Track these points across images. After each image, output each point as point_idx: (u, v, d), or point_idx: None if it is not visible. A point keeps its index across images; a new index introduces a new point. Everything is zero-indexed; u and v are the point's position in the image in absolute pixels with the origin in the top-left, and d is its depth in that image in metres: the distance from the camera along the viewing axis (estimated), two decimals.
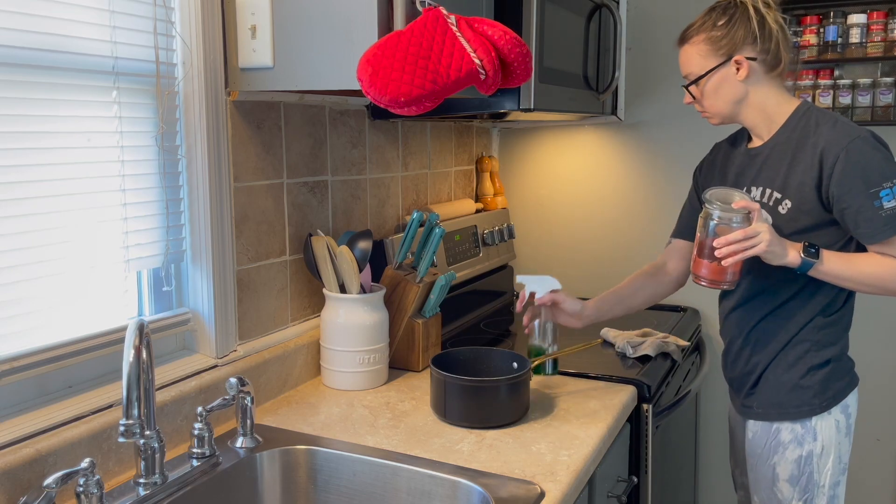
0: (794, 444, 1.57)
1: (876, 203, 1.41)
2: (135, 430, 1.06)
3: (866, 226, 1.43)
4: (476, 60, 1.20)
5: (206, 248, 1.45)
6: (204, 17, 1.39)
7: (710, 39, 1.52)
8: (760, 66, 1.52)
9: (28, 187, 1.17)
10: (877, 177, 1.42)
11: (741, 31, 1.50)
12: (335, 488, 1.34)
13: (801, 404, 1.56)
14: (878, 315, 2.27)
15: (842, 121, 1.50)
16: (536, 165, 2.66)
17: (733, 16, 1.51)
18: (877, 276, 1.44)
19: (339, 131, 1.82)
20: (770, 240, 1.40)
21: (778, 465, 1.59)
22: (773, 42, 1.51)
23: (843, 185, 1.43)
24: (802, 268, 1.43)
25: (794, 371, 1.56)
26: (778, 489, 1.60)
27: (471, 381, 1.45)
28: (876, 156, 1.44)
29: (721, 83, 1.53)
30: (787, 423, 1.57)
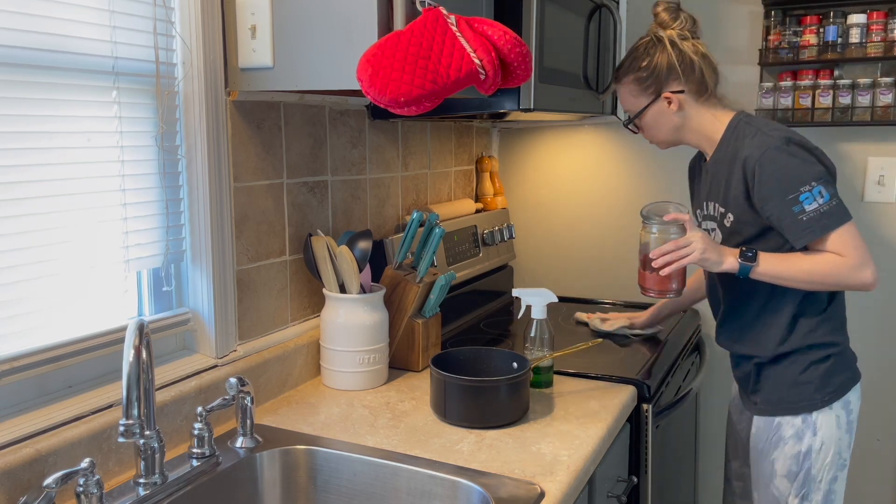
0: (794, 440, 1.59)
1: (795, 209, 1.45)
2: (135, 430, 1.06)
3: (790, 232, 1.48)
4: (476, 60, 1.20)
5: (206, 248, 1.45)
6: (204, 17, 1.39)
7: (637, 80, 1.62)
8: (689, 95, 1.59)
9: (28, 187, 1.17)
10: (793, 183, 1.45)
11: (663, 69, 1.58)
12: (335, 488, 1.34)
13: (802, 399, 1.58)
14: (877, 315, 2.27)
15: (763, 130, 1.53)
16: (536, 165, 2.66)
17: (653, 55, 1.59)
18: (816, 272, 1.47)
19: (339, 131, 1.82)
20: (703, 248, 1.46)
21: (777, 461, 1.61)
22: (697, 71, 1.58)
23: (763, 196, 1.49)
24: (741, 272, 1.48)
25: (794, 367, 1.59)
26: (775, 486, 1.63)
27: (471, 381, 1.45)
28: (791, 162, 1.47)
29: (657, 117, 1.62)
30: (788, 418, 1.59)
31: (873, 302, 2.27)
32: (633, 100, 1.65)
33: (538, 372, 1.64)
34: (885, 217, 2.23)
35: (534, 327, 1.66)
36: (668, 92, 1.59)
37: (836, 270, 1.46)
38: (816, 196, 1.45)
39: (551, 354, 1.66)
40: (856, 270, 1.45)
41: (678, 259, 1.49)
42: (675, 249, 1.49)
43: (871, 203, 2.24)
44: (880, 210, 2.23)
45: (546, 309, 1.67)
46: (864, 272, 1.46)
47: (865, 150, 2.23)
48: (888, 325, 2.27)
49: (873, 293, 2.27)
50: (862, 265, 1.46)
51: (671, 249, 1.49)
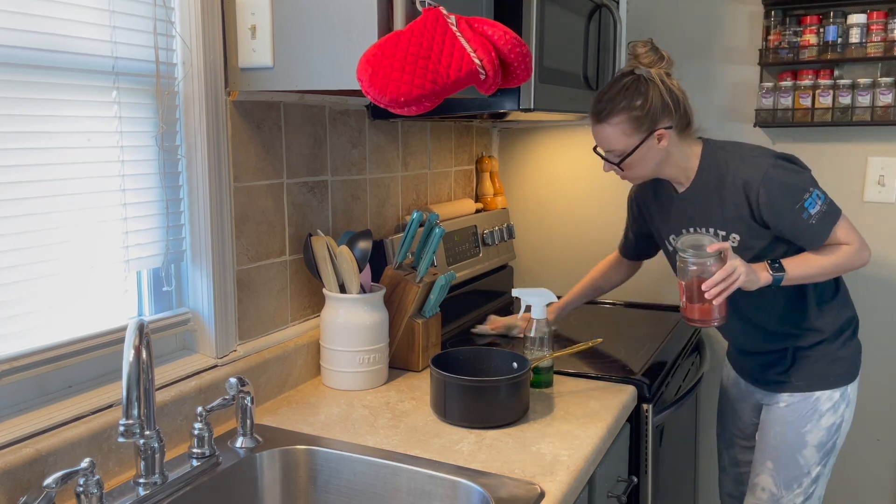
0: (831, 412, 1.72)
1: (804, 216, 1.58)
2: (135, 430, 1.06)
3: (804, 238, 1.61)
4: (476, 60, 1.20)
5: (206, 248, 1.45)
6: (204, 17, 1.39)
7: (631, 119, 1.59)
8: (675, 130, 1.64)
9: (28, 187, 1.17)
10: (797, 194, 1.58)
11: (658, 106, 1.59)
12: (335, 488, 1.34)
13: (842, 373, 1.73)
14: (877, 314, 2.27)
15: (748, 153, 1.65)
16: (536, 165, 2.66)
17: (647, 93, 1.59)
18: (834, 263, 1.62)
19: (339, 131, 1.82)
20: (746, 271, 1.55)
21: (810, 433, 1.73)
22: (682, 107, 1.63)
23: (773, 211, 1.60)
24: (775, 282, 1.60)
25: (833, 345, 1.72)
26: (802, 455, 1.74)
27: (471, 381, 1.45)
28: (788, 176, 1.60)
29: (646, 154, 1.63)
30: (828, 392, 1.72)
31: (873, 302, 2.27)
32: (624, 139, 1.61)
33: (538, 372, 1.64)
34: (885, 217, 2.23)
35: (534, 327, 1.66)
36: (661, 128, 1.60)
37: (849, 258, 1.62)
38: (815, 199, 1.59)
39: (551, 354, 1.66)
40: (860, 253, 1.62)
41: (728, 286, 1.54)
42: (724, 278, 1.53)
43: (871, 203, 2.24)
44: (880, 210, 2.23)
45: (546, 309, 1.67)
46: (864, 252, 1.63)
47: (865, 150, 2.23)
48: (889, 324, 2.27)
49: (874, 292, 2.27)
50: (863, 247, 1.63)
51: (721, 279, 1.53)
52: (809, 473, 1.74)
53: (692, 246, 1.59)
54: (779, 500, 1.76)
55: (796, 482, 1.74)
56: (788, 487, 1.75)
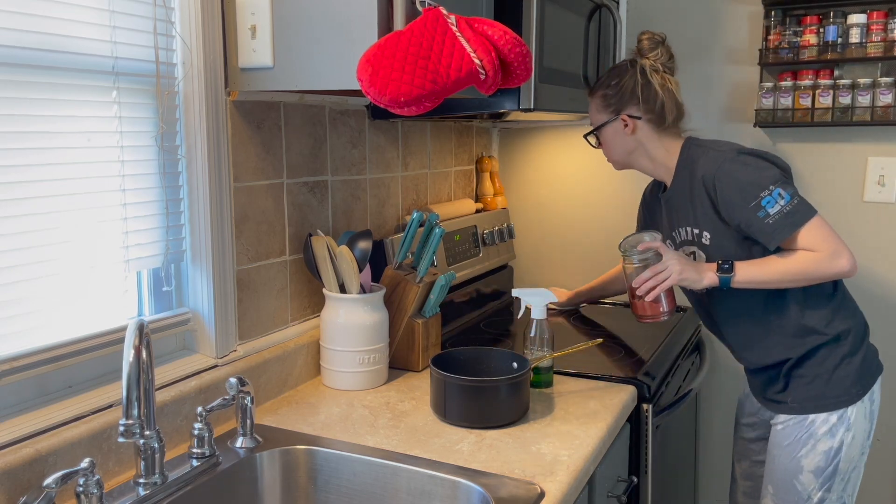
0: (828, 437, 1.61)
1: (760, 214, 1.51)
2: (135, 430, 1.06)
3: (761, 236, 1.54)
4: (476, 60, 1.20)
5: (206, 248, 1.45)
6: (204, 17, 1.39)
7: (603, 96, 1.70)
8: (645, 123, 1.67)
9: (28, 187, 1.17)
10: (752, 189, 1.52)
11: (627, 92, 1.66)
12: (335, 488, 1.34)
13: (840, 394, 1.61)
14: (877, 315, 2.27)
15: (714, 147, 1.62)
16: (536, 165, 2.66)
17: (622, 77, 1.67)
18: (792, 270, 1.52)
19: (339, 131, 1.82)
20: (680, 269, 1.54)
21: (805, 458, 1.63)
22: (658, 104, 1.65)
23: (727, 208, 1.55)
24: (722, 283, 1.54)
25: (828, 362, 1.61)
26: (799, 481, 1.64)
27: (471, 381, 1.45)
28: (745, 170, 1.54)
29: (613, 136, 1.70)
30: (824, 415, 1.61)
31: (873, 302, 2.27)
32: (596, 114, 1.73)
33: (538, 372, 1.64)
34: (885, 217, 2.23)
35: (534, 327, 1.66)
36: (626, 115, 1.67)
37: (812, 265, 1.50)
38: (777, 198, 1.50)
39: (551, 354, 1.66)
40: (830, 261, 1.49)
41: (659, 283, 1.56)
42: (653, 275, 1.56)
43: (871, 203, 2.24)
44: (880, 210, 2.23)
45: (546, 309, 1.67)
46: (839, 261, 1.49)
47: (865, 150, 2.23)
48: (889, 324, 2.27)
49: (874, 292, 2.27)
50: (835, 254, 1.49)
51: (650, 276, 1.57)
52: (810, 499, 1.64)
53: (632, 246, 1.64)
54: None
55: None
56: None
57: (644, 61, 1.66)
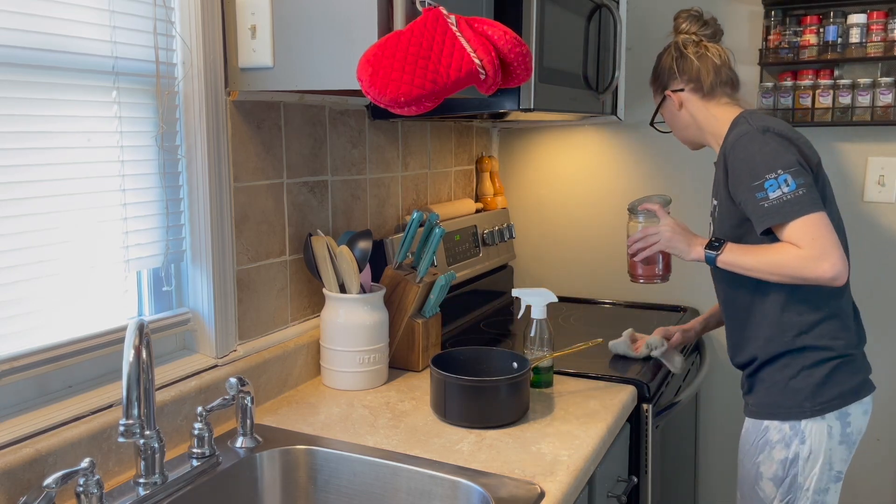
0: (782, 445, 1.56)
1: (759, 195, 1.45)
2: (135, 430, 1.06)
3: (753, 218, 1.49)
4: (476, 60, 1.20)
5: (206, 248, 1.45)
6: (204, 17, 1.39)
7: (652, 82, 1.81)
8: (689, 93, 1.71)
9: (28, 187, 1.17)
10: (759, 170, 1.46)
11: (665, 69, 1.74)
12: (335, 488, 1.34)
13: (792, 406, 1.55)
14: (877, 314, 2.27)
15: (751, 121, 1.56)
16: (536, 165, 2.65)
17: (661, 59, 1.77)
18: (772, 262, 1.45)
19: (339, 131, 1.82)
20: (669, 236, 1.57)
21: (763, 464, 1.59)
22: (694, 71, 1.69)
23: (734, 182, 1.53)
24: (707, 260, 1.55)
25: (787, 370, 1.57)
26: (760, 488, 1.60)
27: (471, 381, 1.45)
28: (763, 149, 1.47)
29: (669, 116, 1.78)
30: (776, 423, 1.57)
31: (874, 301, 2.27)
32: (655, 99, 1.82)
33: (538, 372, 1.64)
34: (885, 217, 2.23)
35: (534, 327, 1.66)
36: (670, 91, 1.74)
37: (792, 262, 1.43)
38: (781, 184, 1.43)
39: (551, 354, 1.66)
40: (812, 262, 1.41)
41: (647, 245, 1.61)
42: (644, 237, 1.61)
43: (871, 203, 2.24)
44: (880, 210, 2.23)
45: (546, 309, 1.67)
46: (822, 265, 1.40)
47: (865, 150, 2.23)
48: (888, 325, 2.27)
49: (872, 292, 2.27)
50: (819, 257, 1.40)
51: (641, 237, 1.62)
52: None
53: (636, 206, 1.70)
54: None
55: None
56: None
57: (678, 38, 1.73)
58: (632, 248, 1.64)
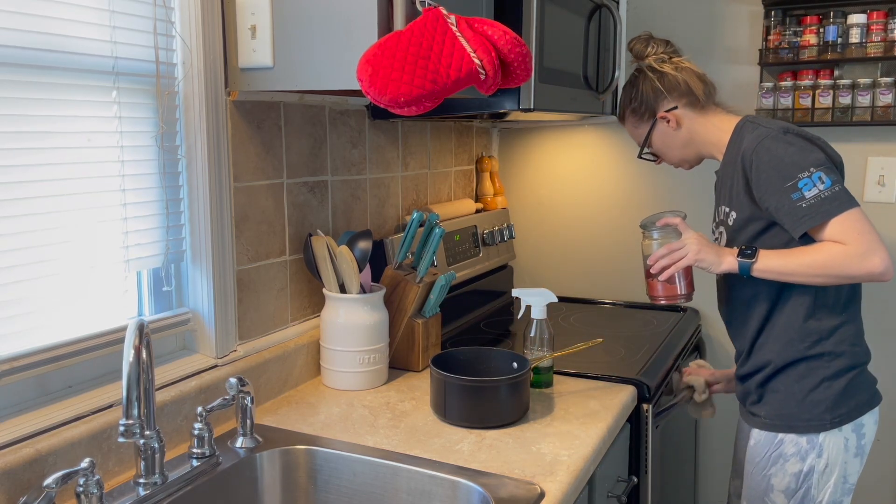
0: (797, 458, 1.52)
1: (794, 195, 1.39)
2: (135, 430, 1.06)
3: (789, 221, 1.42)
4: (476, 60, 1.20)
5: (206, 248, 1.45)
6: (204, 17, 1.39)
7: (632, 112, 1.70)
8: (684, 109, 1.64)
9: (28, 187, 1.17)
10: (791, 170, 1.40)
11: (650, 93, 1.65)
12: (335, 488, 1.34)
13: (811, 418, 1.50)
14: (877, 315, 2.27)
15: (764, 124, 1.51)
16: (536, 165, 2.65)
17: (638, 85, 1.67)
18: (817, 263, 1.39)
19: (339, 131, 1.82)
20: (698, 248, 1.46)
21: (774, 477, 1.55)
22: (682, 85, 1.63)
23: (762, 186, 1.45)
24: (742, 270, 1.44)
25: (805, 382, 1.51)
26: (770, 499, 1.56)
27: (471, 381, 1.45)
28: (788, 150, 1.43)
29: (663, 139, 1.67)
30: (793, 436, 1.52)
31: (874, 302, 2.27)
32: (636, 131, 1.71)
33: (538, 372, 1.64)
34: (885, 217, 2.23)
35: (534, 327, 1.66)
36: (661, 112, 1.65)
37: (839, 259, 1.37)
38: (816, 182, 1.38)
39: (551, 354, 1.66)
40: (861, 258, 1.35)
41: (674, 262, 1.49)
42: (668, 253, 1.49)
43: (871, 203, 2.24)
44: (880, 210, 2.23)
45: (546, 309, 1.67)
46: (872, 259, 1.35)
47: (865, 150, 2.23)
48: (888, 325, 2.27)
49: (877, 296, 2.27)
50: (868, 252, 1.35)
51: (665, 253, 1.50)
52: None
53: (653, 222, 1.58)
54: None
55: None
56: None
57: (648, 60, 1.67)
58: (655, 266, 1.50)
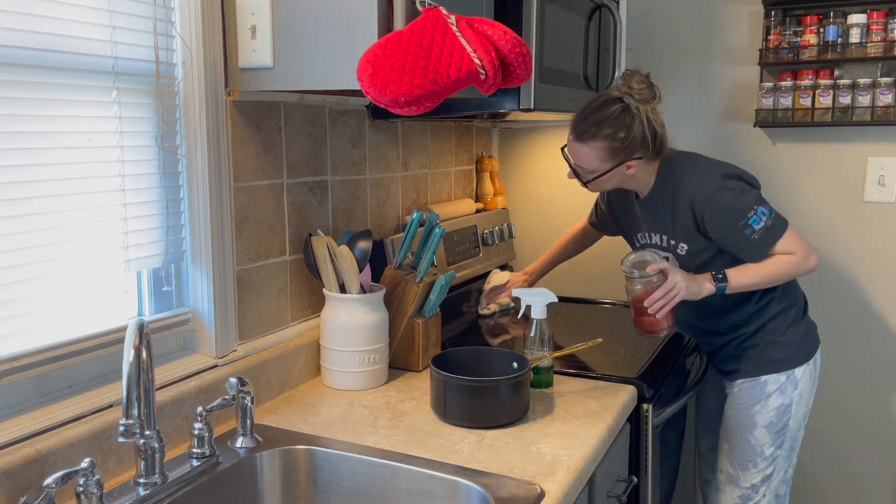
0: (778, 393, 1.81)
1: (747, 231, 1.67)
2: (135, 429, 1.06)
3: (746, 252, 1.70)
4: (476, 60, 1.20)
5: (206, 248, 1.45)
6: (204, 17, 1.39)
7: (609, 148, 1.65)
8: (644, 161, 1.70)
9: (28, 187, 1.17)
10: (740, 213, 1.67)
11: (637, 141, 1.65)
12: (335, 488, 1.34)
13: (788, 357, 1.82)
14: (876, 315, 2.27)
15: (698, 169, 1.72)
16: (536, 165, 2.65)
17: (631, 127, 1.63)
18: (776, 272, 1.71)
19: (339, 131, 1.82)
20: (686, 286, 1.67)
21: (759, 414, 1.82)
22: (658, 141, 1.69)
23: (717, 230, 1.70)
24: (718, 292, 1.70)
25: (777, 331, 1.82)
26: (753, 436, 1.83)
27: (471, 381, 1.45)
28: (733, 196, 1.68)
29: (612, 178, 1.72)
30: (774, 375, 1.82)
31: (874, 302, 2.27)
32: (597, 162, 1.68)
33: (538, 372, 1.64)
34: (885, 217, 2.23)
35: (534, 327, 1.66)
36: (633, 160, 1.68)
37: (790, 267, 1.70)
38: (760, 216, 1.67)
39: (551, 354, 1.66)
40: (804, 262, 1.70)
41: (669, 301, 1.67)
42: (663, 294, 1.67)
43: (871, 203, 2.24)
44: (880, 210, 2.23)
45: (546, 309, 1.67)
46: (811, 260, 1.70)
47: (865, 150, 2.23)
48: (888, 325, 2.27)
49: (874, 293, 2.27)
50: (807, 255, 1.70)
51: (661, 296, 1.67)
52: (763, 453, 1.82)
53: (636, 265, 1.71)
54: (735, 480, 1.87)
55: (751, 462, 1.84)
56: (744, 468, 1.85)
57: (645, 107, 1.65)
58: (653, 307, 1.67)
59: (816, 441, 2.40)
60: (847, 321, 2.31)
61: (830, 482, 2.41)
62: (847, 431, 2.36)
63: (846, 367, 2.33)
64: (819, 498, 2.43)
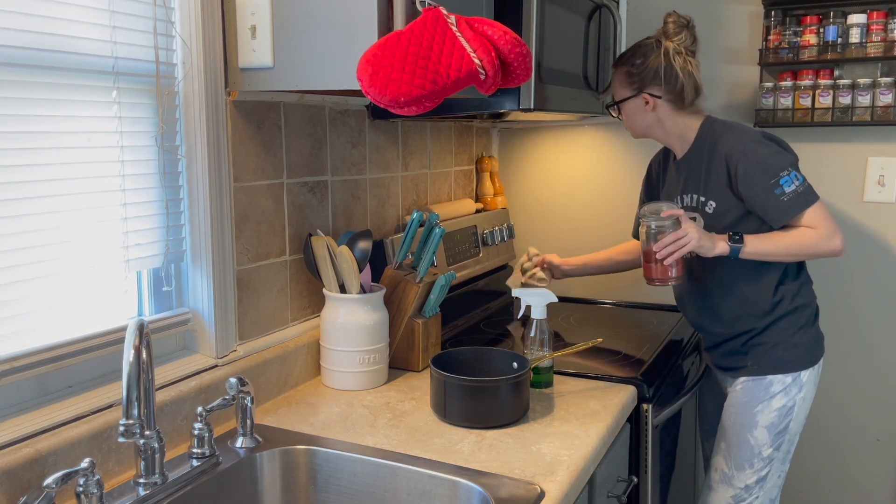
0: (782, 395, 1.78)
1: (777, 191, 1.65)
2: (135, 430, 1.06)
3: (772, 213, 1.68)
4: (476, 60, 1.20)
5: (206, 248, 1.45)
6: (204, 17, 1.39)
7: (626, 73, 1.79)
8: (665, 102, 1.77)
9: (28, 187, 1.17)
10: (774, 170, 1.66)
11: (650, 73, 1.75)
12: (335, 488, 1.34)
13: (795, 359, 1.78)
14: (876, 314, 2.27)
15: (739, 128, 1.76)
16: (536, 165, 2.65)
17: (647, 57, 1.75)
18: (796, 244, 1.67)
19: (339, 131, 1.82)
20: (698, 237, 1.65)
21: (761, 413, 1.79)
22: (678, 85, 1.75)
23: (747, 184, 1.68)
24: (732, 253, 1.67)
25: (787, 331, 1.78)
26: (753, 435, 1.79)
27: (471, 381, 1.45)
28: (769, 152, 1.69)
29: (633, 110, 1.80)
30: (780, 376, 1.78)
31: (874, 301, 2.27)
32: (619, 88, 1.81)
33: (538, 372, 1.64)
34: (885, 217, 2.23)
35: (534, 327, 1.66)
36: (647, 93, 1.76)
37: (812, 241, 1.66)
38: (793, 179, 1.66)
39: (551, 354, 1.66)
40: (828, 240, 1.66)
41: (678, 248, 1.66)
42: (674, 241, 1.66)
43: (871, 203, 2.24)
44: (880, 210, 2.23)
45: (546, 309, 1.67)
46: (835, 240, 1.66)
47: (865, 150, 2.23)
48: (888, 324, 2.27)
49: (874, 292, 2.27)
50: (832, 234, 1.66)
51: (671, 241, 1.66)
52: (760, 454, 1.79)
53: (653, 212, 1.73)
54: (730, 479, 1.83)
55: (747, 462, 1.80)
56: (740, 468, 1.81)
57: (668, 44, 1.74)
58: (661, 252, 1.67)
59: (816, 441, 2.40)
60: (847, 321, 2.31)
61: (830, 482, 2.41)
62: (847, 431, 2.36)
63: (846, 367, 2.33)
64: (819, 498, 2.43)
